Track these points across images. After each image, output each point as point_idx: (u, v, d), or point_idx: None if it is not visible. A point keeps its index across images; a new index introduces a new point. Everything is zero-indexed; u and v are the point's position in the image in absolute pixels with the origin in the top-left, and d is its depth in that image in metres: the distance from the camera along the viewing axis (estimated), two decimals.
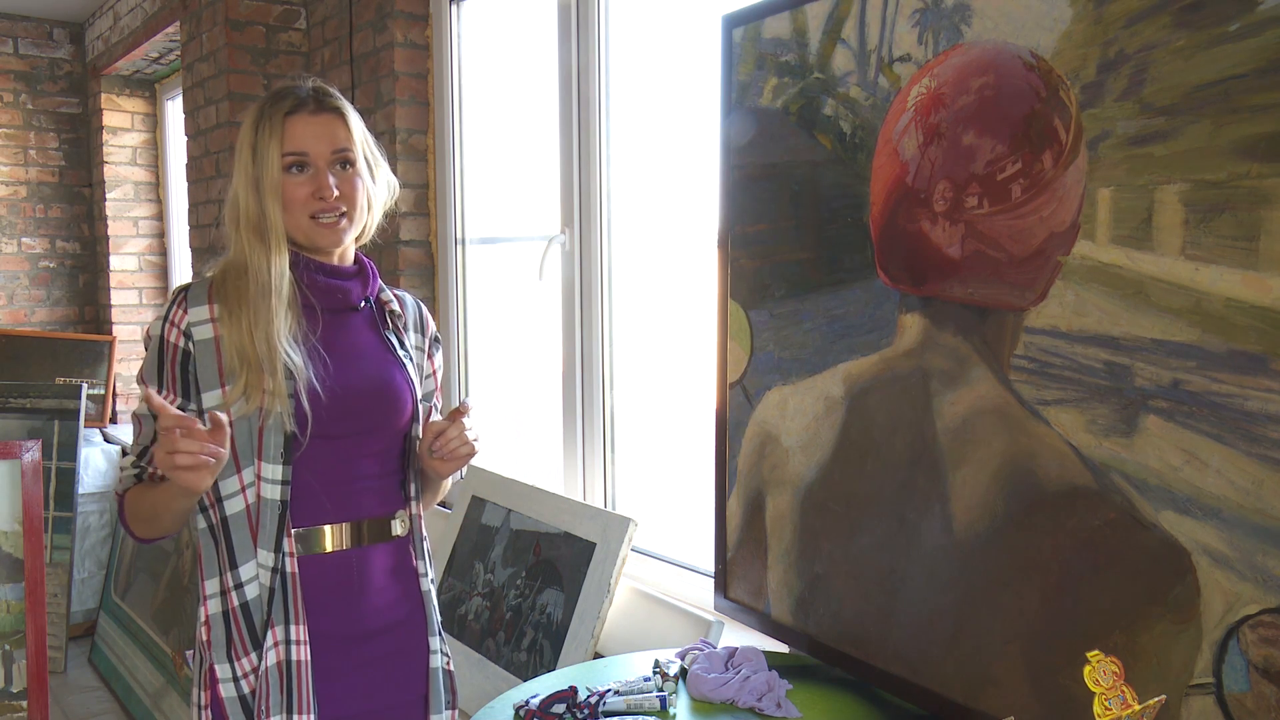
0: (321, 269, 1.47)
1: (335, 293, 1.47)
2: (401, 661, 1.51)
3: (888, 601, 1.43)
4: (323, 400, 1.40)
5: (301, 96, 1.43)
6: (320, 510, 1.43)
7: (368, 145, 1.48)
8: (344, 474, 1.45)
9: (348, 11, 3.10)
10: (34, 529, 2.84)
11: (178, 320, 1.40)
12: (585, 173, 2.37)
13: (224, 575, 1.41)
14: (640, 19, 2.31)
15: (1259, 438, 1.02)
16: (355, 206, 1.45)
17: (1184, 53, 1.06)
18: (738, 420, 1.71)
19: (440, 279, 3.02)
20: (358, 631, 1.46)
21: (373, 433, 1.47)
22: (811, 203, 1.54)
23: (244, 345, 1.37)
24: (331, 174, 1.42)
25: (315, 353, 1.42)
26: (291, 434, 1.38)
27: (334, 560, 1.44)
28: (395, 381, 1.49)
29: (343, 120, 1.44)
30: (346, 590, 1.45)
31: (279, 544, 1.39)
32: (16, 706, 2.78)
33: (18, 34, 4.78)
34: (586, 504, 2.26)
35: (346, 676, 1.45)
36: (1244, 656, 1.04)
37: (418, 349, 1.59)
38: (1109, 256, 1.14)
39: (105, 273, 4.82)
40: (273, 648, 1.38)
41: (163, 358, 1.41)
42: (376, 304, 1.55)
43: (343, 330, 1.49)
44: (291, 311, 1.41)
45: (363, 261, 1.54)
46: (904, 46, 1.37)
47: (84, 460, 4.08)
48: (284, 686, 1.38)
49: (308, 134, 1.41)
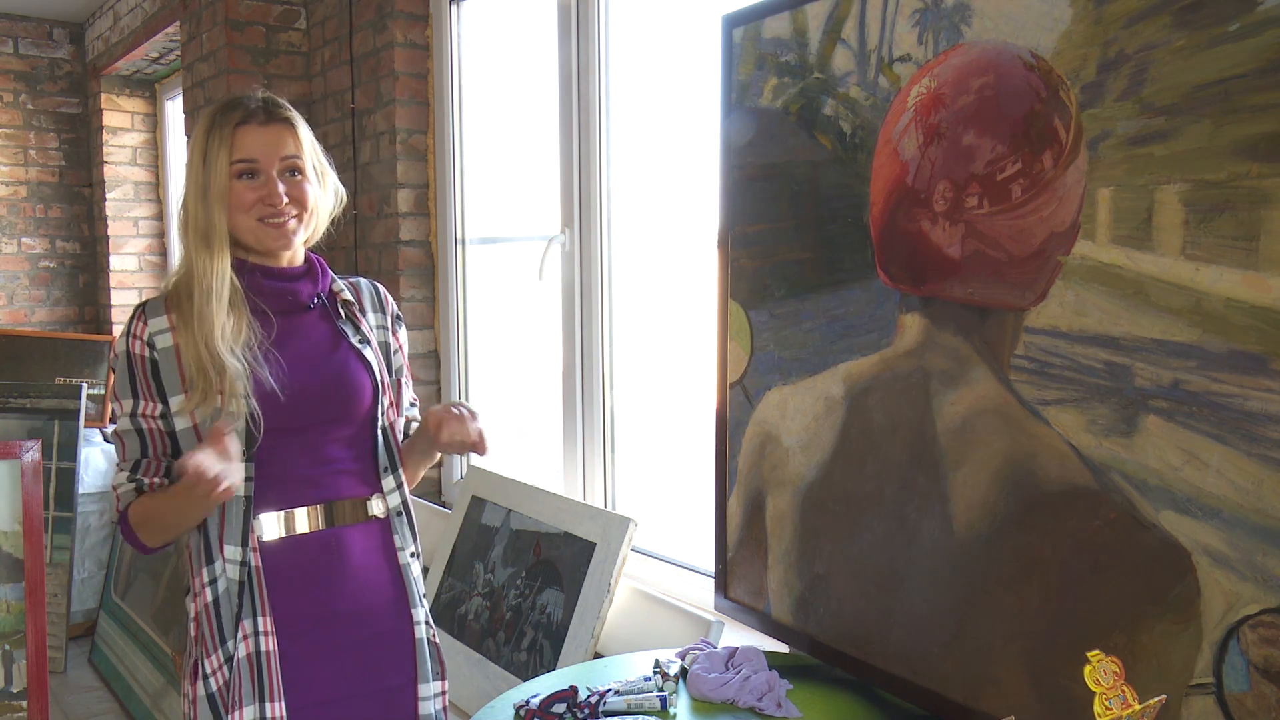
0: (268, 273, 1.52)
1: (284, 295, 1.53)
2: (390, 641, 1.54)
3: (888, 601, 1.43)
4: (281, 399, 1.45)
5: (251, 108, 1.48)
6: (295, 495, 1.49)
7: (316, 154, 1.54)
8: (314, 460, 1.50)
9: (348, 11, 3.10)
10: (34, 529, 2.84)
11: (139, 333, 1.46)
12: (585, 173, 2.37)
13: (199, 573, 1.47)
14: (640, 19, 2.31)
15: (1259, 438, 1.02)
16: (305, 209, 1.51)
17: (1184, 53, 1.06)
18: (738, 420, 1.71)
19: (440, 279, 3.02)
20: (338, 611, 1.50)
21: (337, 421, 1.52)
22: (811, 203, 1.54)
23: (197, 351, 1.42)
24: (281, 181, 1.48)
25: (270, 355, 1.46)
26: (248, 432, 1.43)
27: (311, 540, 1.49)
28: (351, 372, 1.53)
29: (292, 130, 1.50)
30: (324, 570, 1.50)
31: (244, 539, 1.45)
32: (16, 706, 2.78)
33: (18, 34, 4.78)
34: (586, 504, 2.26)
35: (331, 658, 1.49)
36: (1244, 656, 1.04)
37: (380, 328, 1.64)
38: (1109, 256, 1.14)
39: (105, 273, 4.82)
40: (242, 640, 1.43)
41: (133, 370, 1.46)
42: (329, 298, 1.59)
43: (296, 330, 1.53)
44: (239, 316, 1.45)
45: (311, 260, 1.59)
46: (904, 46, 1.37)
47: (84, 460, 4.08)
48: (254, 676, 1.43)
49: (258, 143, 1.47)
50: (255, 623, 1.44)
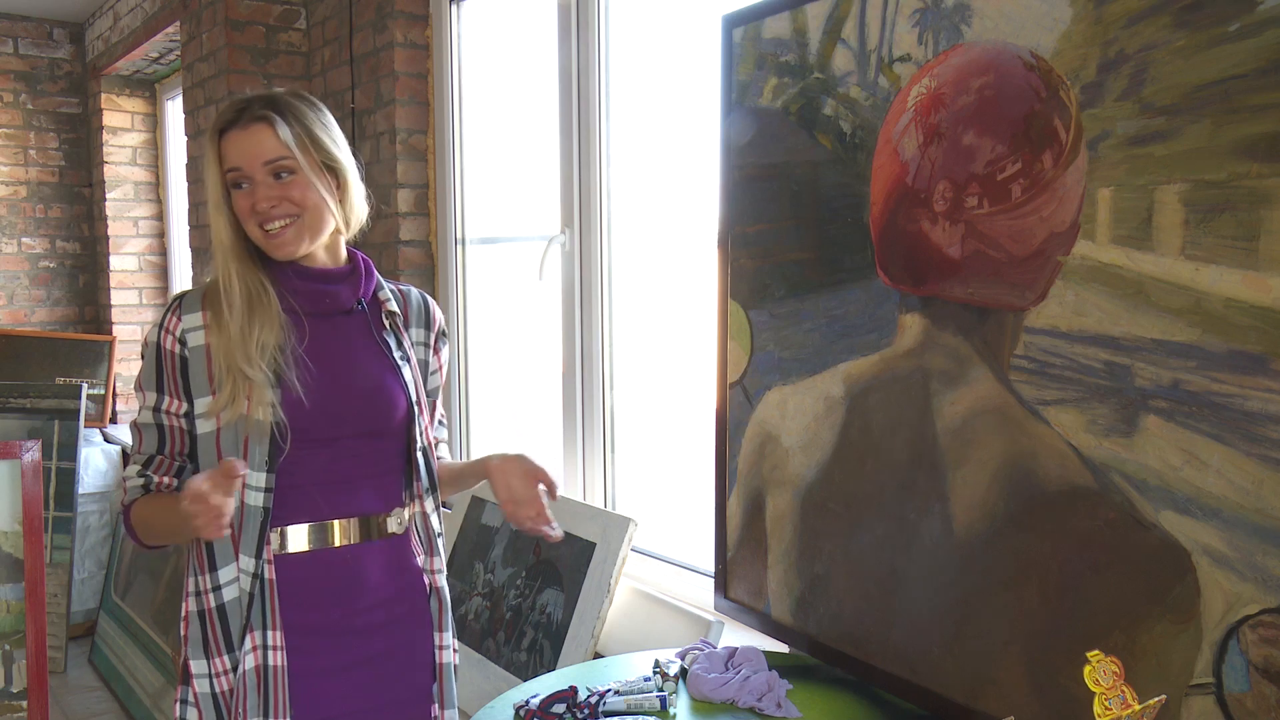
0: (302, 273, 1.46)
1: (320, 297, 1.47)
2: (401, 658, 1.51)
3: (888, 601, 1.43)
4: (306, 408, 1.40)
5: (234, 113, 1.41)
6: (313, 508, 1.44)
7: (312, 144, 1.42)
8: (336, 475, 1.45)
9: (348, 11, 3.10)
10: (34, 529, 2.84)
11: (172, 328, 1.42)
12: (585, 173, 2.37)
13: (202, 576, 1.43)
14: (640, 19, 2.31)
15: (1259, 438, 1.02)
16: (306, 210, 1.41)
17: (1184, 53, 1.06)
18: (738, 420, 1.71)
19: (440, 279, 3.02)
20: (351, 627, 1.46)
21: (365, 436, 1.47)
22: (811, 203, 1.54)
23: (228, 354, 1.38)
24: (266, 185, 1.40)
25: (301, 360, 1.42)
26: (274, 442, 1.39)
27: (325, 556, 1.45)
28: (386, 386, 1.48)
29: (269, 127, 1.39)
30: (338, 585, 1.45)
31: (259, 550, 1.40)
32: (16, 706, 2.78)
33: (18, 34, 4.78)
34: (586, 504, 2.26)
35: (342, 673, 1.46)
36: (1244, 656, 1.04)
37: (422, 344, 1.58)
38: (1109, 256, 1.14)
39: (105, 273, 4.82)
40: (250, 652, 1.39)
41: (161, 364, 1.42)
42: (373, 304, 1.53)
43: (332, 335, 1.47)
44: (268, 321, 1.40)
45: (356, 261, 1.52)
46: (904, 46, 1.37)
47: (84, 460, 4.08)
48: (261, 690, 1.39)
49: (238, 149, 1.40)
50: (265, 635, 1.40)
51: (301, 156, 1.41)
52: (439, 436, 1.65)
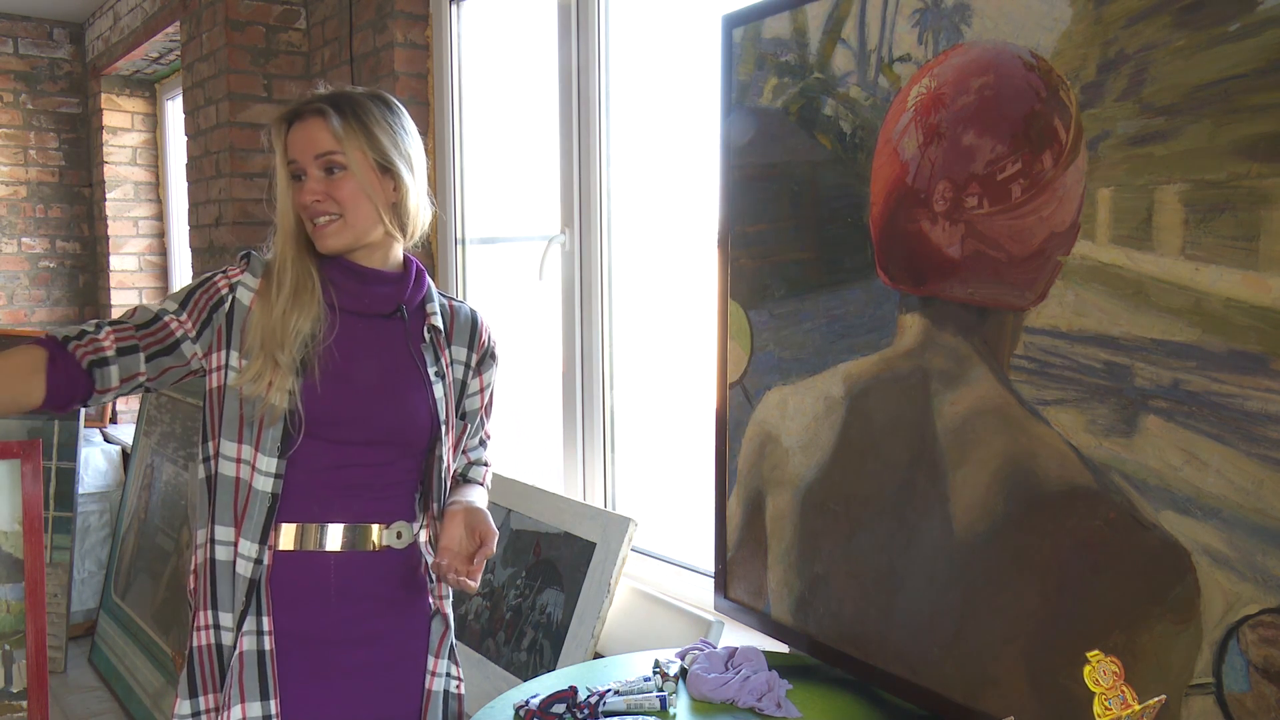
0: (347, 270, 1.46)
1: (360, 295, 1.46)
2: (385, 675, 1.49)
3: (888, 601, 1.43)
4: (320, 401, 1.40)
5: (299, 104, 1.43)
6: (310, 509, 1.43)
7: (368, 143, 1.40)
8: (340, 478, 1.44)
9: (348, 11, 3.10)
10: (34, 529, 2.84)
11: (233, 275, 1.44)
12: (585, 173, 2.37)
13: (210, 528, 1.43)
14: (640, 19, 2.31)
15: (1259, 438, 1.02)
16: (348, 209, 1.41)
17: (1184, 53, 1.06)
18: (738, 420, 1.71)
19: (440, 279, 3.02)
20: (334, 637, 1.45)
21: (379, 444, 1.45)
22: (811, 203, 1.54)
23: (265, 333, 1.38)
24: (315, 180, 1.41)
25: (329, 353, 1.41)
26: (287, 430, 1.39)
27: (315, 560, 1.44)
28: (411, 401, 1.46)
29: (323, 121, 1.39)
30: (323, 591, 1.44)
31: (264, 536, 1.40)
32: (16, 706, 2.78)
33: (18, 34, 4.78)
34: (586, 504, 2.26)
35: (323, 682, 1.44)
36: (1244, 656, 1.04)
37: (462, 364, 1.56)
38: (1109, 256, 1.14)
39: (105, 273, 4.82)
40: (244, 635, 1.40)
41: (199, 291, 1.42)
42: (416, 314, 1.51)
43: (366, 337, 1.46)
44: (307, 311, 1.40)
45: (410, 267, 1.51)
46: (904, 46, 1.37)
47: (84, 460, 4.08)
48: (260, 674, 1.40)
49: (295, 142, 1.42)
50: (259, 621, 1.40)
51: (352, 154, 1.40)
52: (471, 458, 1.64)
